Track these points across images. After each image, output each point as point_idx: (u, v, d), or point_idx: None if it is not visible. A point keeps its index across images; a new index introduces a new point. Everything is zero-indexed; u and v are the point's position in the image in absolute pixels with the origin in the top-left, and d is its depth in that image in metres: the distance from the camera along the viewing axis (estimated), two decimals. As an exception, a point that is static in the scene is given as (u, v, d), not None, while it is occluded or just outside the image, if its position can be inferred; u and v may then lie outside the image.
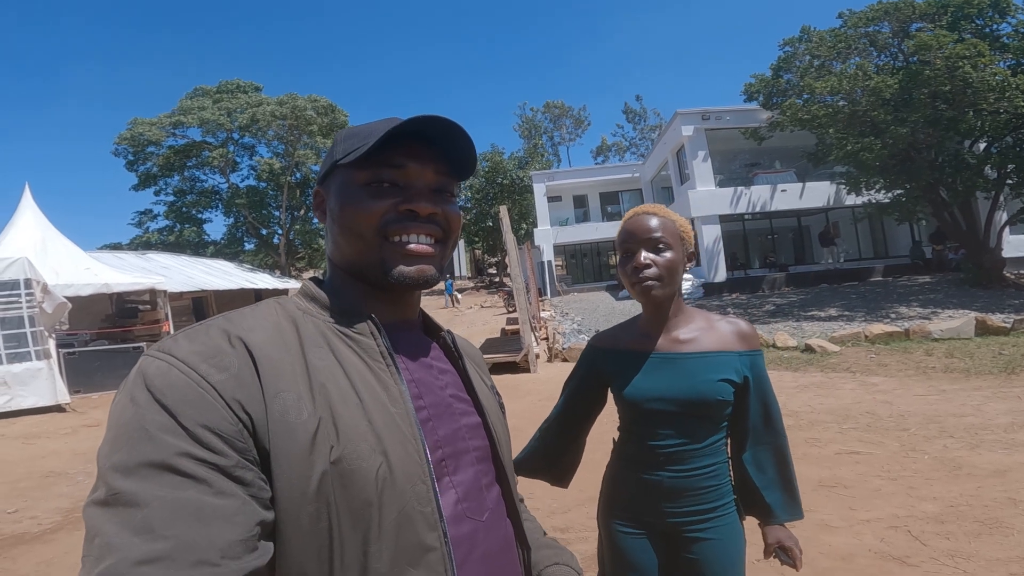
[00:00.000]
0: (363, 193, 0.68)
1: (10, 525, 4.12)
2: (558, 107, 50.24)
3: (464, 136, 0.70)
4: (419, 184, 0.70)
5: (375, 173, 0.68)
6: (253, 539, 0.51)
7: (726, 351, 1.35)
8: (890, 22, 14.50)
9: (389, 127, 0.65)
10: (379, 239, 0.68)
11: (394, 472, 0.59)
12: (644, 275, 1.31)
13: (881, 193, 14.91)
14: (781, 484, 1.39)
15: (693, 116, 20.00)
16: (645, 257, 1.31)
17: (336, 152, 0.71)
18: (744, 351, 1.36)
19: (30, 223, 11.26)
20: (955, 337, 8.81)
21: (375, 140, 0.65)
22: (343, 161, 0.68)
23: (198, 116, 26.43)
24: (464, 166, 0.75)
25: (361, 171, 0.68)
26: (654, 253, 1.31)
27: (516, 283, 11.23)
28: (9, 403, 8.13)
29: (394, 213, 0.68)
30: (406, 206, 0.68)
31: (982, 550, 2.80)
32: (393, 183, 0.69)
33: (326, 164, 0.73)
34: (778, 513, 1.37)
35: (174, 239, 27.69)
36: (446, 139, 0.71)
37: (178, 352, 0.56)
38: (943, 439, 4.55)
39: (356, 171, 0.69)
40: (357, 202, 0.68)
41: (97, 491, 0.50)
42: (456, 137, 0.70)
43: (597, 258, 28.36)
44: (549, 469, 1.56)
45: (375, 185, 0.68)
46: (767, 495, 1.37)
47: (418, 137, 0.69)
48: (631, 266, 1.33)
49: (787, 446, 1.40)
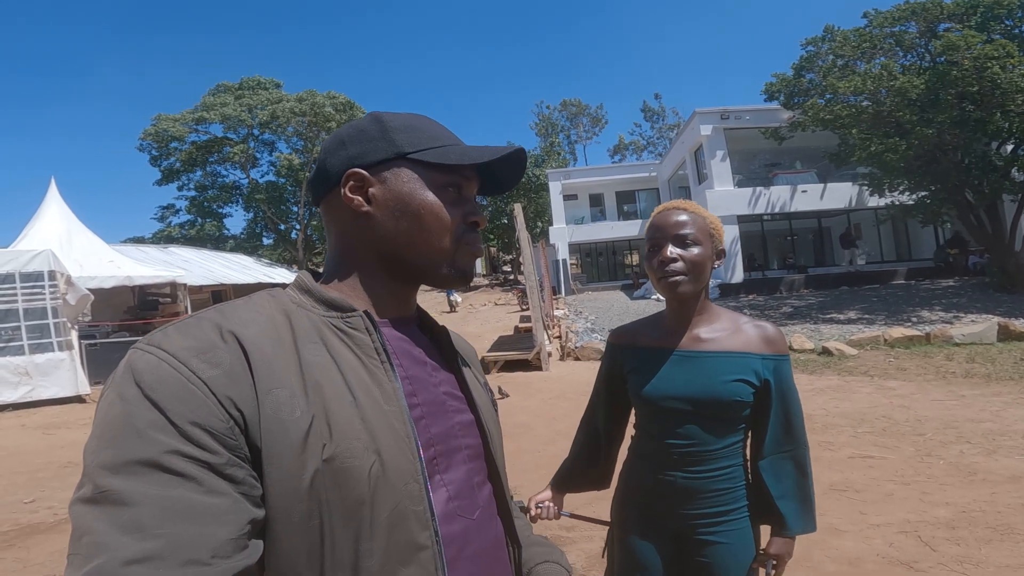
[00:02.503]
0: (443, 196, 0.71)
1: (27, 515, 4.18)
2: (575, 105, 50.03)
3: (520, 174, 0.79)
4: (473, 195, 0.76)
5: (454, 179, 0.72)
6: (244, 537, 0.50)
7: (748, 353, 1.31)
8: (917, 22, 14.19)
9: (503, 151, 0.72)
10: (455, 240, 0.72)
11: (387, 471, 0.59)
12: (670, 269, 1.28)
13: (905, 195, 14.64)
14: (798, 495, 1.34)
15: (712, 115, 19.80)
16: (672, 251, 1.29)
17: (399, 142, 0.70)
18: (768, 355, 1.32)
19: (55, 216, 11.54)
20: (977, 342, 8.62)
21: (484, 157, 0.70)
22: (418, 157, 0.70)
23: (220, 112, 26.83)
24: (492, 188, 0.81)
25: (443, 174, 0.71)
26: (681, 248, 1.29)
27: (530, 281, 11.23)
28: (30, 393, 8.27)
29: (465, 222, 0.73)
30: (474, 218, 0.74)
31: (992, 556, 2.75)
32: (459, 190, 0.73)
33: (380, 149, 0.70)
34: (791, 525, 1.32)
35: (195, 233, 28.18)
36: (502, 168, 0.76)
37: (169, 346, 0.55)
38: (960, 444, 4.46)
39: (436, 173, 0.71)
40: (439, 206, 0.71)
41: (83, 488, 0.49)
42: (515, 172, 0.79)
43: (612, 257, 28.23)
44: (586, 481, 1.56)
45: (451, 190, 0.72)
46: (782, 505, 1.32)
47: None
48: (657, 260, 1.31)
49: (807, 457, 1.36)
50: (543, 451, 4.85)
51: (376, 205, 0.69)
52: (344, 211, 0.71)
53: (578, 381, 8.52)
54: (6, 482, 5.00)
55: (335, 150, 0.72)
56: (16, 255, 8.62)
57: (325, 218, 0.75)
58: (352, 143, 0.71)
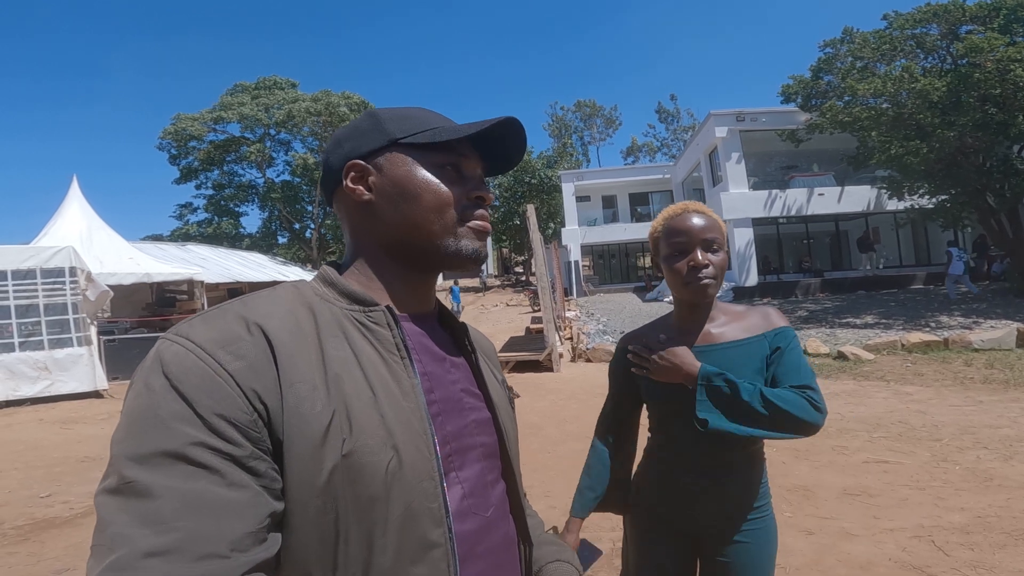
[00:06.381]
0: (439, 175, 0.70)
1: (42, 509, 4.19)
2: (589, 106, 50.00)
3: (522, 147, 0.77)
4: (477, 174, 0.75)
5: (449, 158, 0.71)
6: (263, 530, 0.51)
7: (751, 337, 1.32)
8: (939, 24, 13.97)
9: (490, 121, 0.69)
10: (457, 220, 0.71)
11: (404, 467, 0.59)
12: (704, 274, 1.28)
13: (925, 198, 14.40)
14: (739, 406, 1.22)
15: (727, 117, 19.65)
16: (705, 257, 1.29)
17: (391, 130, 0.71)
18: (768, 331, 1.33)
19: (76, 214, 11.74)
20: (996, 347, 8.46)
21: (472, 130, 0.69)
22: (410, 141, 0.70)
23: (238, 112, 27.17)
24: (500, 166, 0.79)
25: (437, 154, 0.71)
26: (710, 252, 1.30)
27: (542, 282, 11.23)
28: (49, 388, 8.38)
29: (467, 199, 0.72)
30: (477, 193, 0.73)
31: (1006, 561, 2.71)
32: (457, 169, 0.72)
33: (373, 139, 0.72)
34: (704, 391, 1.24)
35: (212, 231, 28.53)
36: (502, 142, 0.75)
37: (195, 337, 0.56)
38: (976, 450, 4.38)
39: (430, 153, 0.71)
40: (435, 183, 0.70)
41: (109, 479, 0.50)
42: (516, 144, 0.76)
43: (625, 259, 28.12)
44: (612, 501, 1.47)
45: (449, 168, 0.71)
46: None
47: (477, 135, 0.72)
48: (689, 264, 1.30)
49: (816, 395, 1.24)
50: (553, 451, 4.83)
51: (377, 193, 0.71)
52: (351, 204, 0.72)
53: (589, 383, 8.50)
54: (23, 476, 5.03)
55: (335, 148, 0.74)
56: (38, 251, 8.76)
57: (338, 216, 0.76)
58: (348, 139, 0.73)
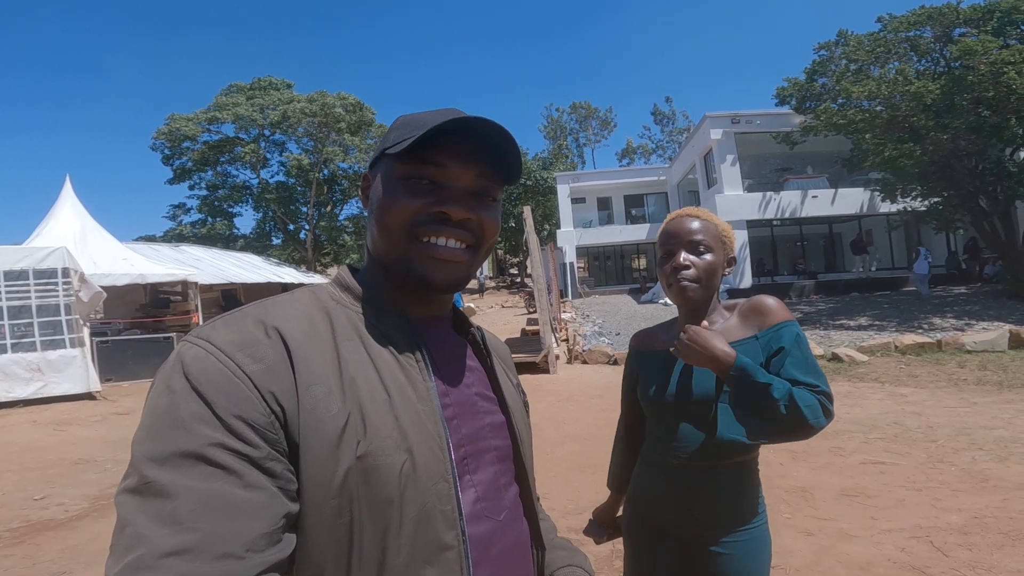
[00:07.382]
0: (401, 187, 0.66)
1: (37, 511, 4.14)
2: (584, 108, 50.11)
3: (508, 141, 0.68)
4: (457, 186, 0.67)
5: (415, 168, 0.66)
6: (278, 531, 0.51)
7: (743, 339, 1.28)
8: (932, 27, 14.09)
9: (440, 120, 0.63)
10: (408, 237, 0.66)
11: (418, 470, 0.59)
12: (682, 276, 1.30)
13: (918, 201, 14.51)
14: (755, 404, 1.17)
15: (723, 119, 19.76)
16: (684, 258, 1.30)
17: (388, 139, 0.69)
18: (762, 330, 1.27)
19: (69, 214, 11.64)
20: (989, 349, 8.53)
21: (419, 134, 0.63)
22: (391, 150, 0.67)
23: (232, 112, 27.00)
24: (510, 170, 0.72)
25: (403, 164, 0.66)
26: (694, 255, 1.31)
27: (537, 284, 11.22)
28: (42, 389, 8.28)
29: (426, 213, 0.66)
30: (439, 208, 0.66)
31: (1004, 561, 2.73)
32: (432, 181, 0.67)
33: (378, 149, 0.72)
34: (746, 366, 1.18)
35: (206, 232, 28.34)
36: (488, 142, 0.68)
37: (216, 340, 0.56)
38: (972, 451, 4.41)
39: (398, 163, 0.67)
40: (393, 196, 0.66)
41: (129, 478, 0.51)
42: (500, 142, 0.68)
43: (620, 261, 28.18)
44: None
45: (414, 181, 0.66)
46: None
47: (466, 136, 0.66)
48: (670, 266, 1.32)
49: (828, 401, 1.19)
50: (552, 453, 4.84)
51: (368, 207, 0.72)
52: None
53: (586, 385, 8.50)
54: (17, 478, 4.98)
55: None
56: (31, 252, 8.66)
57: None
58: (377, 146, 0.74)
